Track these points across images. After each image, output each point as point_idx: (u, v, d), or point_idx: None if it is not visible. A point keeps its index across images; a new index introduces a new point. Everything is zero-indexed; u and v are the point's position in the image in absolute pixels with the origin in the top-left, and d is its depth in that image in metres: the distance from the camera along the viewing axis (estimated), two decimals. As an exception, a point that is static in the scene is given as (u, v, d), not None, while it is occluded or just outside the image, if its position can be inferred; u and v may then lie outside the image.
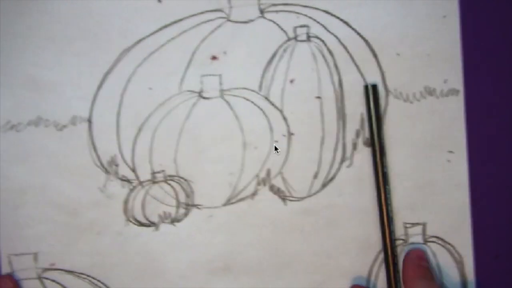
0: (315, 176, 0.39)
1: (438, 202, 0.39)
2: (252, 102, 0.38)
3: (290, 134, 0.39)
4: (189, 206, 0.39)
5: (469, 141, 0.39)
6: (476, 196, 0.39)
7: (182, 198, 0.39)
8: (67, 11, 0.38)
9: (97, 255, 0.39)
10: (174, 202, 0.39)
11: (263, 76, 0.38)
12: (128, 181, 0.39)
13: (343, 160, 0.39)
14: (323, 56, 0.38)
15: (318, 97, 0.38)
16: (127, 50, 0.38)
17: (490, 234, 0.39)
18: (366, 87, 0.38)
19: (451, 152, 0.39)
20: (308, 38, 0.38)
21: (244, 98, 0.38)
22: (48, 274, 0.39)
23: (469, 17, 0.38)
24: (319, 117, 0.39)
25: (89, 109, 0.38)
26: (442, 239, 0.39)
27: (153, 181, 0.39)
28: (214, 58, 0.36)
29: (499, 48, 0.39)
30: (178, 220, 0.39)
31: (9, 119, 0.38)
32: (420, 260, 0.38)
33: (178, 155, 0.39)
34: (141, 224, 0.39)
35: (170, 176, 0.39)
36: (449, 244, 0.39)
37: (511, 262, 0.39)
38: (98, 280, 0.39)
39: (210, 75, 0.38)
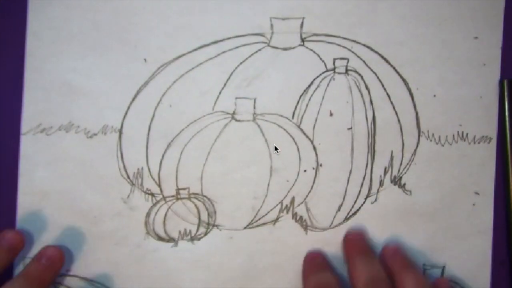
0: (339, 208, 0.39)
1: (460, 247, 0.39)
2: (284, 129, 0.39)
3: (318, 164, 0.39)
4: (210, 225, 0.39)
5: (496, 189, 0.39)
6: (499, 245, 0.39)
7: (204, 217, 0.39)
8: (109, 22, 0.38)
9: (113, 265, 0.39)
10: (195, 220, 0.39)
11: (297, 104, 0.38)
12: (152, 195, 0.39)
13: (368, 195, 0.39)
14: (360, 90, 0.38)
15: (350, 128, 0.38)
16: (165, 65, 0.38)
17: (510, 285, 0.39)
18: (501, 82, 0.38)
19: (477, 193, 0.39)
20: (347, 71, 0.38)
21: (276, 124, 0.39)
22: (62, 280, 0.39)
23: (509, 67, 0.38)
24: (349, 151, 0.39)
25: (121, 120, 0.38)
26: (459, 284, 0.39)
27: (177, 197, 0.39)
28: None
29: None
30: (198, 239, 0.39)
31: (41, 122, 0.38)
32: (359, 239, 0.38)
33: (205, 174, 0.39)
34: (160, 238, 0.39)
35: (194, 194, 0.39)
36: (466, 289, 0.39)
37: (526, 313, 0.39)
38: (112, 291, 0.39)
39: (244, 98, 0.38)
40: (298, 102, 0.38)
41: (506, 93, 0.38)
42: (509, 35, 0.39)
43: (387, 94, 0.38)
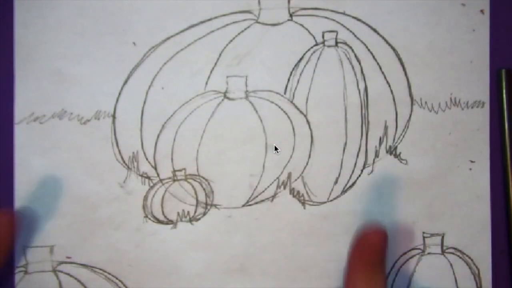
0: (336, 181, 0.39)
1: (458, 213, 0.39)
2: (277, 104, 0.39)
3: (313, 138, 0.39)
4: (208, 205, 0.39)
5: (492, 153, 0.39)
6: (498, 210, 0.39)
7: (202, 197, 0.39)
8: (97, 7, 0.38)
9: (113, 251, 0.39)
10: (193, 201, 0.39)
11: (289, 80, 0.39)
12: (149, 178, 0.39)
13: (364, 167, 0.39)
14: (350, 62, 0.38)
15: (344, 103, 0.38)
16: (154, 47, 0.38)
17: (510, 249, 0.39)
18: (499, 72, 0.38)
19: (472, 161, 0.39)
20: (336, 43, 0.38)
21: (269, 100, 0.39)
22: (63, 267, 0.39)
23: (498, 31, 0.39)
24: (343, 123, 0.39)
25: (114, 105, 0.38)
26: (460, 251, 0.39)
27: (174, 179, 0.39)
28: None
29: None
30: (197, 219, 0.39)
31: (34, 111, 0.38)
32: (370, 251, 0.32)
33: (200, 154, 0.39)
34: (159, 221, 0.39)
35: (190, 175, 0.39)
36: (467, 256, 0.39)
37: (528, 277, 0.39)
38: (113, 276, 0.39)
39: (236, 76, 0.38)
40: (289, 77, 0.39)
41: (504, 83, 0.38)
42: (496, 1, 0.39)
43: (378, 64, 0.39)
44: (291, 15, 0.38)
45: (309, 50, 0.38)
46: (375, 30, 0.38)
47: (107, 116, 0.38)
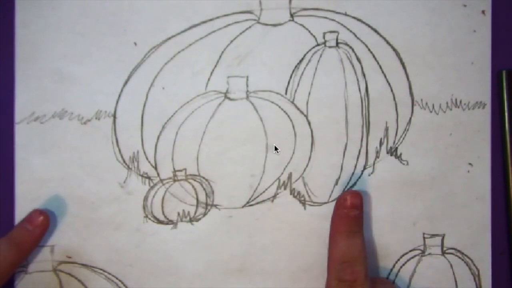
0: (336, 182, 0.39)
1: (459, 214, 0.39)
2: (278, 105, 0.39)
3: (313, 139, 0.39)
4: (209, 206, 0.39)
5: (492, 154, 0.39)
6: (498, 211, 0.39)
7: (202, 197, 0.39)
8: (98, 6, 0.38)
9: (113, 251, 0.39)
10: (193, 201, 0.39)
11: (289, 80, 0.38)
12: (149, 178, 0.39)
13: (365, 167, 0.39)
14: (351, 62, 0.38)
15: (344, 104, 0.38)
16: (155, 47, 0.38)
17: (509, 250, 0.39)
18: (500, 73, 0.38)
19: (470, 164, 0.39)
20: (337, 44, 0.38)
21: (270, 101, 0.39)
22: (63, 267, 0.39)
23: (500, 32, 0.39)
24: (343, 124, 0.39)
25: (114, 105, 0.38)
26: (460, 252, 0.39)
27: (174, 179, 0.39)
28: None
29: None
30: (197, 220, 0.39)
31: (34, 110, 0.38)
32: (349, 210, 0.36)
33: (201, 155, 0.39)
34: (159, 221, 0.39)
35: (191, 175, 0.39)
36: (467, 257, 0.39)
37: (528, 278, 0.40)
38: (114, 276, 0.39)
39: (237, 76, 0.38)
40: (290, 78, 0.39)
41: (504, 84, 0.38)
42: (498, 1, 0.39)
43: (379, 65, 0.38)
44: (292, 16, 0.38)
45: (310, 50, 0.38)
46: (376, 31, 0.38)
47: (108, 116, 0.38)
